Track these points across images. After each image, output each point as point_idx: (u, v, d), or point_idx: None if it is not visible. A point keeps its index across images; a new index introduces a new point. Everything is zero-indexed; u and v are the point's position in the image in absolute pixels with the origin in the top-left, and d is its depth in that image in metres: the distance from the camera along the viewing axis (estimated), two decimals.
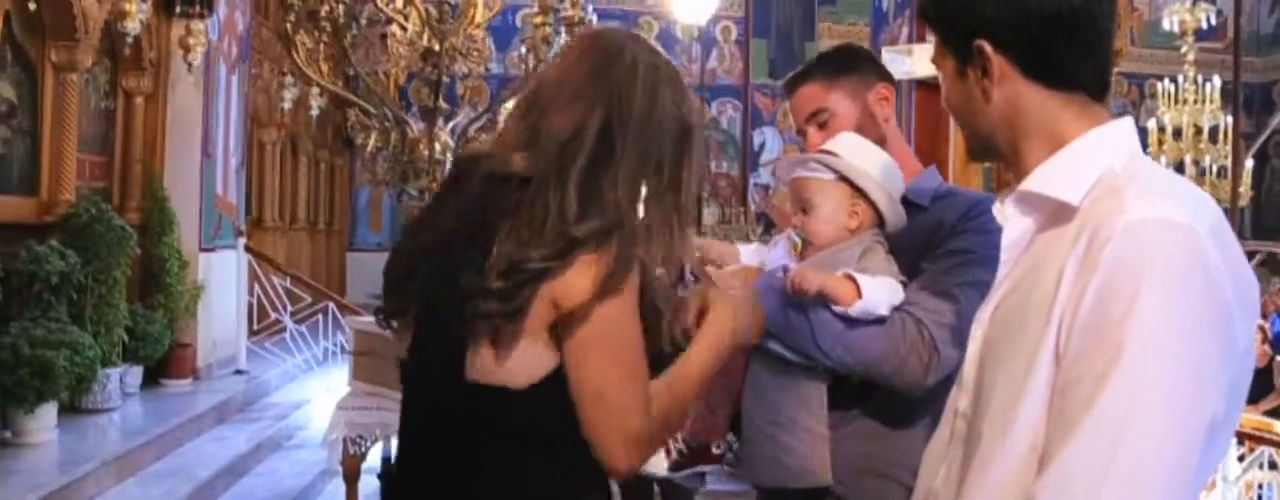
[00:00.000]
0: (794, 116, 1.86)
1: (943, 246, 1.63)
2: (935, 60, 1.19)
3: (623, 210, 1.36)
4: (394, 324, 1.50)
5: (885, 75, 1.85)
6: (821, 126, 1.78)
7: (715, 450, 1.74)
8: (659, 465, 1.74)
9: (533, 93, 1.48)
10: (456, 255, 1.38)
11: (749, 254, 1.82)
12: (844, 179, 1.66)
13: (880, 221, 1.68)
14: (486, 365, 1.36)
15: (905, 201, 1.72)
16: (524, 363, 1.35)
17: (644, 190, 1.41)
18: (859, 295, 1.53)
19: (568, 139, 1.37)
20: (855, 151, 1.68)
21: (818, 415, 1.62)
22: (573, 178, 1.35)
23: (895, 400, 1.63)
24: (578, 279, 1.32)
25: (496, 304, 1.32)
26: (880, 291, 1.55)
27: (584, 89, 1.41)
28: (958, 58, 1.14)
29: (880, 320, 1.56)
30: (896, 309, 1.57)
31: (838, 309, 1.55)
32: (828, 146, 1.71)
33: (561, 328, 1.34)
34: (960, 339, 1.53)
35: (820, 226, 1.67)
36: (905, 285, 1.61)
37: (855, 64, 1.83)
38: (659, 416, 1.40)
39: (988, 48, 1.10)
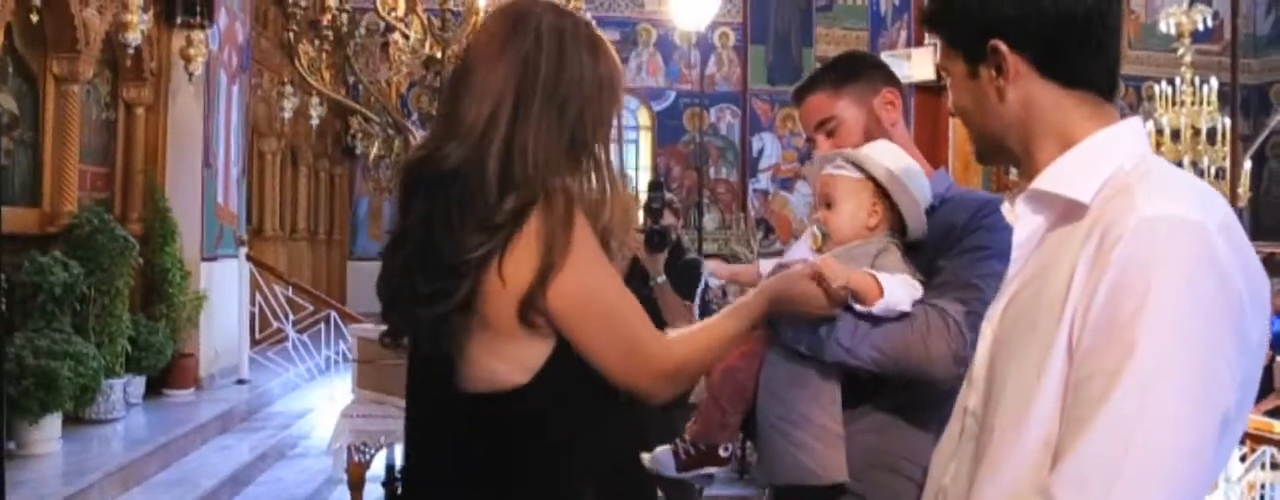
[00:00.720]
0: (803, 125, 1.88)
1: (957, 246, 1.65)
2: (943, 64, 1.20)
3: (541, 179, 1.35)
4: (404, 342, 1.50)
5: (891, 79, 1.87)
6: (830, 135, 1.81)
7: (722, 452, 1.75)
8: (668, 466, 1.75)
9: (451, 80, 1.48)
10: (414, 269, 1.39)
11: (769, 269, 1.81)
12: (871, 179, 1.68)
13: (901, 227, 1.70)
14: (477, 372, 1.37)
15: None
16: (516, 359, 1.36)
17: (567, 150, 1.40)
18: (881, 293, 1.54)
19: (485, 122, 1.37)
20: (886, 156, 1.70)
21: (831, 412, 1.63)
22: (491, 161, 1.35)
23: (905, 395, 1.64)
24: (517, 262, 1.32)
25: (440, 306, 1.33)
26: (901, 289, 1.56)
27: (494, 67, 1.40)
28: (969, 59, 1.15)
29: (903, 315, 1.57)
30: (918, 303, 1.58)
31: (861, 308, 1.56)
32: (863, 150, 1.73)
33: (534, 313, 1.33)
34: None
35: (841, 222, 1.69)
36: (923, 284, 1.62)
37: (860, 70, 1.85)
38: (680, 360, 1.43)
39: (1004, 47, 1.11)
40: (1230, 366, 0.95)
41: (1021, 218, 1.13)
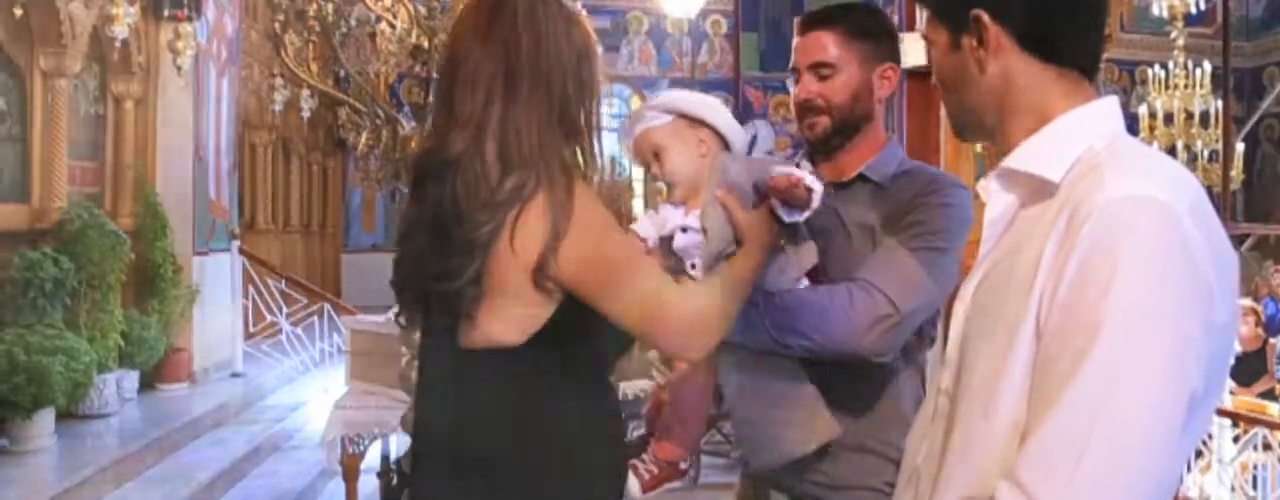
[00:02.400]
0: (798, 54, 1.78)
1: (898, 224, 1.64)
2: (928, 34, 1.18)
3: (539, 154, 1.44)
4: (417, 321, 1.60)
5: (897, 55, 1.81)
6: (821, 80, 1.74)
7: (683, 466, 1.77)
8: (634, 489, 1.75)
9: (442, 74, 1.56)
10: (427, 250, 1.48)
11: (647, 222, 1.76)
12: (681, 116, 1.71)
13: (725, 144, 1.73)
14: (479, 330, 1.45)
15: (863, 178, 1.73)
16: (516, 321, 1.43)
17: (558, 123, 1.48)
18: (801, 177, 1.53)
19: (480, 109, 1.46)
20: (673, 93, 1.76)
21: (800, 378, 1.62)
22: (489, 144, 1.43)
23: (841, 374, 1.63)
24: (527, 234, 1.40)
25: (454, 281, 1.41)
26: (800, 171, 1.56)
27: (479, 56, 1.48)
28: (952, 29, 1.14)
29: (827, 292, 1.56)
30: (844, 281, 1.58)
31: (790, 215, 1.53)
32: (657, 97, 1.77)
33: (546, 279, 1.40)
34: (920, 296, 1.54)
35: (677, 164, 1.71)
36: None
37: (878, 35, 1.78)
38: (699, 310, 1.45)
39: (986, 17, 1.10)
40: (1196, 347, 0.95)
41: (992, 196, 1.13)
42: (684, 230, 1.65)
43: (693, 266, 1.65)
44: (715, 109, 1.72)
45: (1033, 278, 1.00)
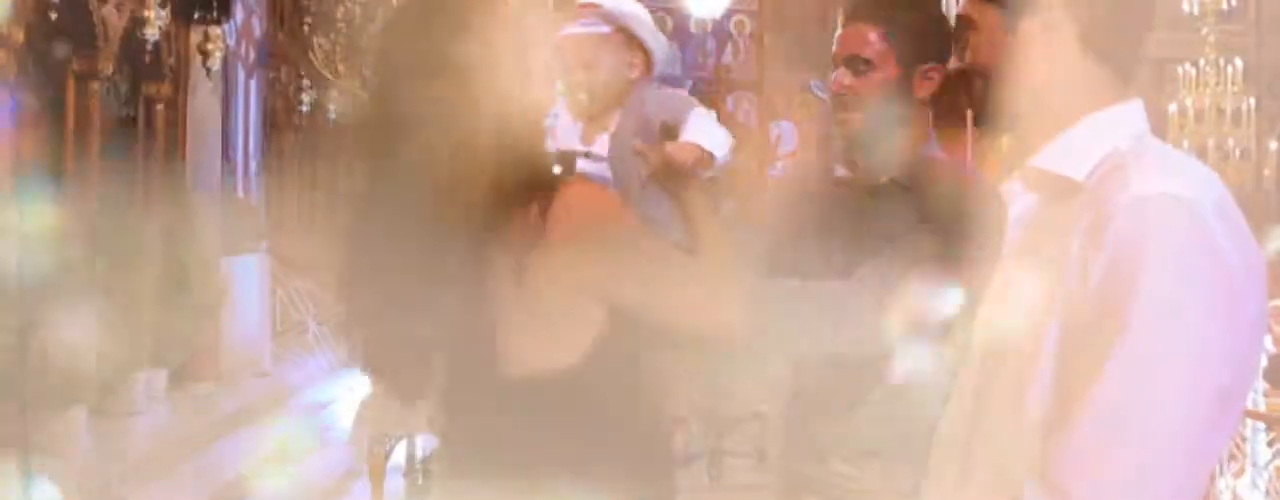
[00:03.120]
0: (838, 45, 1.72)
1: (919, 227, 1.59)
2: (969, 14, 1.17)
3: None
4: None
5: (943, 55, 1.68)
6: (856, 75, 1.68)
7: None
8: None
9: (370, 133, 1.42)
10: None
11: None
12: (620, 30, 1.61)
13: (649, 66, 1.65)
14: (527, 362, 1.35)
15: (892, 182, 1.69)
16: (568, 343, 1.34)
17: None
18: (708, 151, 1.48)
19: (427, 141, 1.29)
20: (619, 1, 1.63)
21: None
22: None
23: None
24: (544, 273, 1.29)
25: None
26: (717, 132, 1.50)
27: (399, 94, 1.31)
28: (1013, 12, 1.12)
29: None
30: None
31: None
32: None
33: (588, 301, 1.32)
34: (907, 305, 1.50)
35: (603, 81, 1.62)
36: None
37: (925, 33, 1.69)
38: (732, 281, 1.39)
39: (1058, 4, 1.09)
40: (1223, 343, 0.95)
41: (1017, 195, 1.13)
42: (586, 155, 1.58)
43: None
44: (657, 33, 1.62)
45: (1058, 277, 1.00)
